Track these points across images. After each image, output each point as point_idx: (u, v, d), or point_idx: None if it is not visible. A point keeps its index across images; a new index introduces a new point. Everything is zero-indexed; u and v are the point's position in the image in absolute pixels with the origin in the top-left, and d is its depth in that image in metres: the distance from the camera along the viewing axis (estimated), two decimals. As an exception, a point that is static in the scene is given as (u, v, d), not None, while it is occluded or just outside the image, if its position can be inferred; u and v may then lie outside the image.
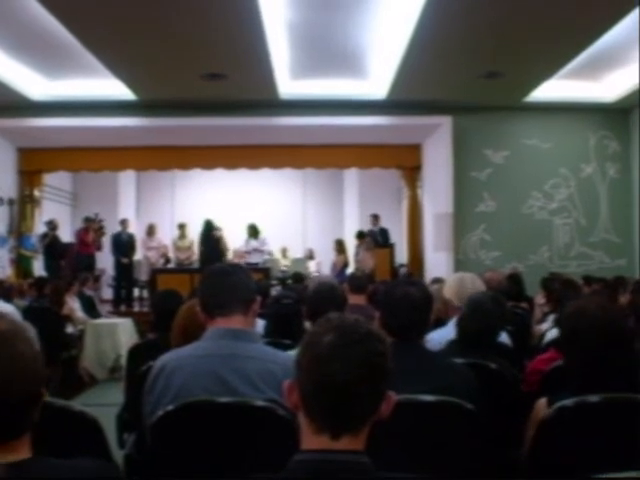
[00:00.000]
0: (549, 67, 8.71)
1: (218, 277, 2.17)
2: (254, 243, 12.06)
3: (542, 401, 2.20)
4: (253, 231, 12.27)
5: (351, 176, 14.76)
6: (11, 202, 10.73)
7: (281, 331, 3.39)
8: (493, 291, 3.72)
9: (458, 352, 2.72)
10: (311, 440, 1.26)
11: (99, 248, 11.42)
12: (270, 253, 12.89)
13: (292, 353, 2.24)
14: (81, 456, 1.46)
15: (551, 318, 4.41)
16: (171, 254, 12.41)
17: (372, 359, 1.25)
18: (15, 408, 1.33)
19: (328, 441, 1.24)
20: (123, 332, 7.94)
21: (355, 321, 1.31)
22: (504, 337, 3.40)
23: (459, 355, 2.63)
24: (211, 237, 11.58)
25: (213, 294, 2.13)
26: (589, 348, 2.04)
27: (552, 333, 3.57)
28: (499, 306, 3.01)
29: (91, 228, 11.12)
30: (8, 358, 1.34)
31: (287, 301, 3.63)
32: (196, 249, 12.35)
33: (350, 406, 1.23)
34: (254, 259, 11.75)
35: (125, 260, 11.41)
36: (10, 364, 1.33)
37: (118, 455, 2.58)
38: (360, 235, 11.49)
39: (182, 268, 11.54)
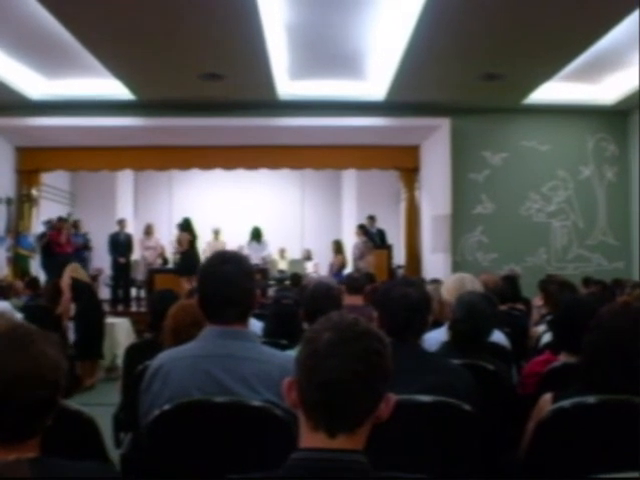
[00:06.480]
0: (548, 69, 8.71)
1: (215, 283, 2.05)
2: (255, 246, 12.01)
3: (547, 397, 2.18)
4: (257, 235, 12.23)
5: (349, 177, 14.76)
6: (9, 201, 10.72)
7: (281, 331, 3.39)
8: (489, 292, 3.71)
9: (452, 353, 2.71)
10: (308, 438, 1.26)
11: (86, 246, 11.23)
12: (269, 255, 12.87)
13: (290, 353, 2.24)
14: (78, 455, 1.47)
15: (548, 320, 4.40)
16: (169, 254, 12.39)
17: (369, 357, 1.24)
18: (32, 410, 1.34)
19: (324, 439, 1.24)
20: (120, 332, 7.93)
21: (354, 320, 1.31)
22: (502, 338, 3.40)
23: (453, 356, 2.62)
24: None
25: (211, 303, 2.06)
26: (625, 348, 1.96)
27: (548, 335, 3.56)
28: (491, 306, 3.00)
29: (63, 228, 10.99)
30: (33, 359, 1.35)
31: (287, 302, 3.63)
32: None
33: (345, 404, 1.23)
34: (254, 261, 11.71)
35: (122, 260, 11.41)
36: (34, 365, 1.34)
37: (114, 455, 2.57)
38: (362, 228, 11.27)
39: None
